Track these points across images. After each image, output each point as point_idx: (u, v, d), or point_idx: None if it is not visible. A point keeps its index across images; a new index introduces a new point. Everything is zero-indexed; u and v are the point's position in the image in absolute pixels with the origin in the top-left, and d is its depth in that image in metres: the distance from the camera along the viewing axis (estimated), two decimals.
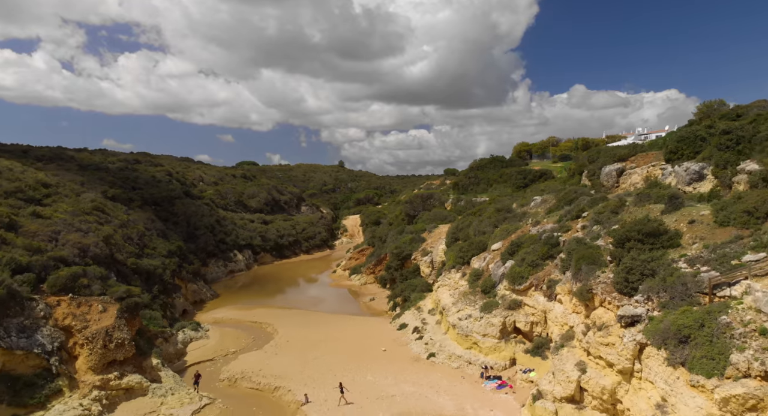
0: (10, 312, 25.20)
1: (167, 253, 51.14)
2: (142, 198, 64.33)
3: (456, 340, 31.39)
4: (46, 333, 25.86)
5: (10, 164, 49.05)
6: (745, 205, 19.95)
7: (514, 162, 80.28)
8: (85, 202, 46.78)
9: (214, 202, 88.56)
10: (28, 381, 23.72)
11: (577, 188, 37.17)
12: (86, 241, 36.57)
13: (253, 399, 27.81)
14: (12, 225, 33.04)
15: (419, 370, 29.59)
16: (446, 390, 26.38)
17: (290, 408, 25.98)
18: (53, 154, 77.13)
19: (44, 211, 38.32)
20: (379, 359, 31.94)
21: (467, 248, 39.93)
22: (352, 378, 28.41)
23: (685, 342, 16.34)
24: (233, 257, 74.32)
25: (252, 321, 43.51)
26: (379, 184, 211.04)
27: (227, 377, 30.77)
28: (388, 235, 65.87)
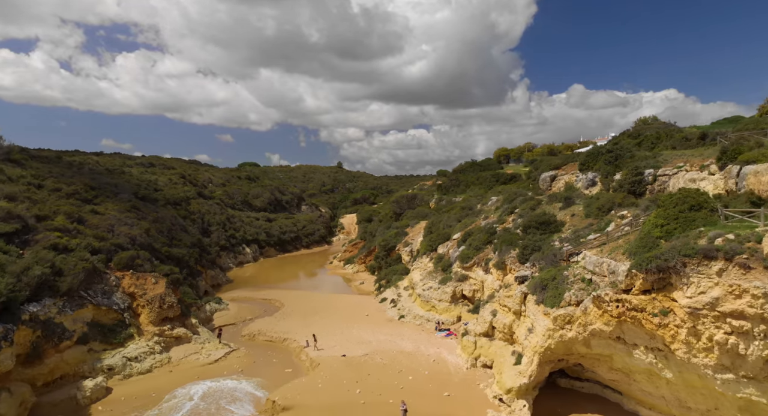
0: (95, 280, 35.02)
1: (190, 245, 60.90)
2: (165, 198, 74.14)
3: (420, 305, 41.32)
4: (118, 296, 35.70)
5: (60, 170, 58.81)
6: (598, 203, 29.76)
7: (491, 166, 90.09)
8: (124, 202, 56.63)
9: (223, 202, 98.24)
10: (110, 328, 33.51)
11: (518, 190, 47.00)
12: (134, 232, 46.46)
13: (267, 347, 37.62)
14: (81, 220, 42.83)
15: (392, 327, 39.50)
16: (409, 337, 36.27)
17: (295, 351, 35.79)
18: (83, 159, 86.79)
19: (99, 209, 48.12)
20: (363, 321, 41.80)
21: (435, 238, 49.79)
22: (342, 332, 38.28)
23: (544, 289, 26.08)
24: (242, 250, 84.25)
25: (262, 299, 53.35)
26: (375, 185, 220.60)
27: (247, 334, 40.61)
28: (377, 230, 75.77)
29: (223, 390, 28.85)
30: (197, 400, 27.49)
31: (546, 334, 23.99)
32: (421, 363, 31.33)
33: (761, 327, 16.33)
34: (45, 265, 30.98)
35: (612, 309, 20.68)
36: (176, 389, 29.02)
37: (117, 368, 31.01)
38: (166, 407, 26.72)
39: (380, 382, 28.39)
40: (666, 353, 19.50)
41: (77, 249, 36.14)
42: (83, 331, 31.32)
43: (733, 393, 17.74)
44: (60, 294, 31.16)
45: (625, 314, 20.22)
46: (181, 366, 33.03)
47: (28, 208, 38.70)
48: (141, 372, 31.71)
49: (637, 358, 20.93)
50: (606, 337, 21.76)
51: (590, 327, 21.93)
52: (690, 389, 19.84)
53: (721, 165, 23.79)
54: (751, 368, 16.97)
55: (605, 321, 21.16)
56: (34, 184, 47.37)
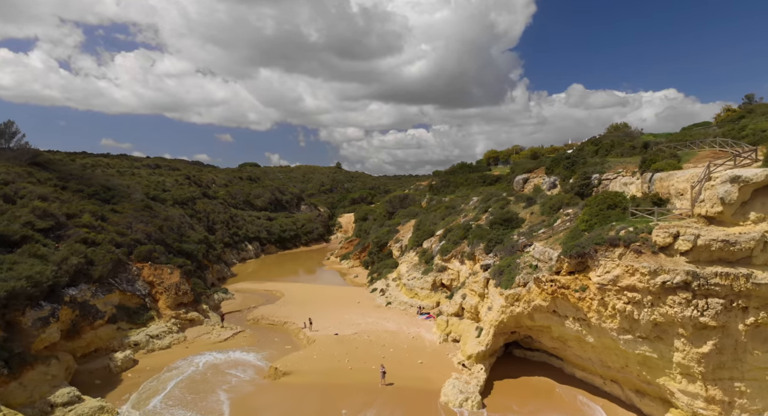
0: (120, 270, 40.19)
1: (197, 241, 66.02)
2: (173, 198, 79.29)
3: (405, 293, 46.52)
4: (140, 284, 40.88)
5: (78, 172, 63.95)
6: (550, 203, 34.92)
7: (480, 168, 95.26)
8: (137, 202, 61.75)
9: (226, 202, 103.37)
10: (134, 311, 38.68)
11: (495, 191, 52.15)
12: (149, 229, 51.62)
13: (269, 329, 42.77)
14: (103, 218, 47.96)
15: (379, 312, 44.68)
16: (393, 320, 41.46)
17: (294, 332, 40.94)
18: (95, 162, 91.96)
19: (117, 208, 53.28)
20: (354, 307, 46.97)
21: (421, 235, 54.97)
22: (335, 316, 43.43)
23: (501, 274, 31.23)
24: (245, 247, 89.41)
25: (264, 290, 58.49)
26: (373, 185, 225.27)
27: (251, 318, 45.77)
28: (371, 228, 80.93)
29: (231, 360, 34.08)
30: (209, 365, 32.72)
31: (500, 310, 29.18)
32: (402, 339, 36.53)
33: (648, 298, 21.48)
34: (80, 256, 36.17)
35: (547, 287, 25.85)
36: (191, 356, 34.29)
37: (141, 343, 36.20)
38: (183, 365, 32.02)
39: (366, 354, 33.58)
40: (586, 321, 24.65)
41: (103, 243, 41.33)
42: (112, 312, 36.50)
43: (632, 350, 22.88)
44: (93, 280, 36.33)
45: (556, 291, 25.39)
46: (195, 343, 38.19)
47: (58, 207, 43.77)
48: (161, 347, 36.89)
49: (568, 327, 26.08)
50: (545, 311, 26.92)
51: (533, 303, 27.10)
52: (607, 350, 24.99)
53: (641, 172, 28.85)
54: (643, 330, 22.10)
55: (543, 297, 26.33)
56: (59, 185, 52.48)
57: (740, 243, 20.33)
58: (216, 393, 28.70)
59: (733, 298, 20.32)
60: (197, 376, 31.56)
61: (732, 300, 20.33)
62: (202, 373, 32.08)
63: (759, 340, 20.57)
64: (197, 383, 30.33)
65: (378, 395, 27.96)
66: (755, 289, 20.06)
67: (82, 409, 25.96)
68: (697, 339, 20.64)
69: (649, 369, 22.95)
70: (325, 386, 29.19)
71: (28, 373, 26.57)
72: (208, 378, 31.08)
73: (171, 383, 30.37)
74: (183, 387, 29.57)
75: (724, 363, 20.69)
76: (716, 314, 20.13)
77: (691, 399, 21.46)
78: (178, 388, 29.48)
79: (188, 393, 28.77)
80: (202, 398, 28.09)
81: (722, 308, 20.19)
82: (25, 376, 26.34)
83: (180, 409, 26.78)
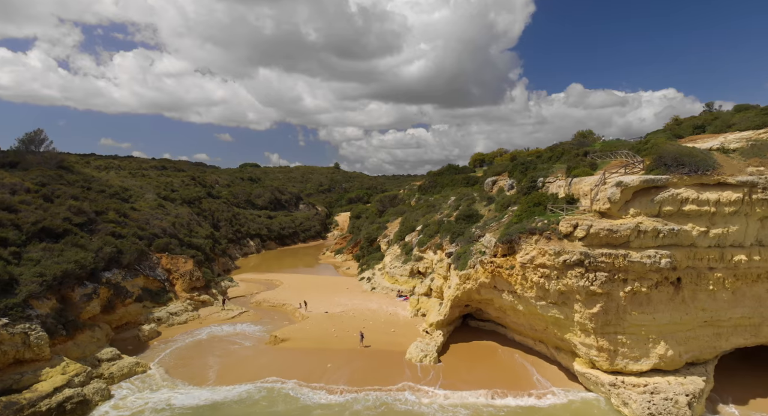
0: (143, 259, 47.28)
1: (205, 236, 73.13)
2: (181, 197, 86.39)
3: (387, 280, 53.64)
4: (159, 271, 48.00)
5: (97, 174, 70.98)
6: (503, 202, 42.05)
7: (465, 170, 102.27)
8: (151, 201, 68.86)
9: (229, 201, 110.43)
10: (156, 293, 45.77)
11: (467, 192, 59.25)
12: (164, 225, 58.74)
13: (270, 310, 49.85)
14: (125, 215, 55.03)
15: (365, 295, 51.82)
16: (375, 301, 48.61)
17: (291, 311, 48.06)
18: (107, 164, 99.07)
19: (135, 206, 60.39)
20: (344, 292, 54.10)
21: (404, 230, 62.08)
22: (326, 299, 50.51)
23: (459, 259, 38.28)
24: (247, 243, 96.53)
25: (265, 279, 65.59)
26: (371, 185, 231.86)
27: (254, 302, 52.87)
28: (363, 226, 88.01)
29: (239, 331, 41.24)
30: (222, 333, 39.90)
31: (456, 287, 36.28)
32: (380, 315, 43.69)
33: (555, 272, 28.54)
34: (111, 246, 43.28)
35: (488, 267, 32.93)
36: (204, 328, 41.47)
37: (163, 319, 43.32)
38: (200, 334, 39.24)
39: (350, 326, 40.70)
40: (516, 293, 31.74)
41: (128, 236, 48.41)
42: (139, 293, 43.59)
43: (547, 313, 29.95)
44: (122, 266, 43.43)
45: (494, 270, 32.47)
46: (207, 320, 45.29)
47: (89, 205, 50.79)
48: (179, 322, 44.01)
49: (505, 299, 33.16)
50: (488, 286, 34.00)
51: (479, 280, 34.17)
52: (532, 316, 32.08)
53: (566, 177, 35.86)
54: (553, 297, 29.17)
55: (486, 276, 33.40)
56: (85, 186, 59.50)
57: (620, 231, 27.42)
58: (228, 348, 35.94)
59: (615, 272, 27.40)
60: (212, 339, 38.78)
61: (614, 273, 27.41)
62: (215, 338, 39.29)
63: (635, 304, 27.64)
64: (211, 342, 37.54)
65: (357, 354, 35.11)
66: (631, 265, 27.15)
67: (122, 364, 33.11)
68: (589, 303, 27.71)
69: (559, 328, 30.06)
70: (315, 349, 36.31)
71: (79, 335, 33.70)
72: (221, 339, 38.33)
73: (189, 340, 37.62)
74: (199, 345, 36.76)
75: (610, 321, 27.74)
76: (602, 284, 27.20)
77: (588, 349, 28.55)
78: (195, 346, 36.68)
79: (204, 347, 35.97)
80: (217, 348, 35.35)
81: (607, 279, 27.26)
82: (78, 338, 33.47)
83: (201, 357, 33.99)
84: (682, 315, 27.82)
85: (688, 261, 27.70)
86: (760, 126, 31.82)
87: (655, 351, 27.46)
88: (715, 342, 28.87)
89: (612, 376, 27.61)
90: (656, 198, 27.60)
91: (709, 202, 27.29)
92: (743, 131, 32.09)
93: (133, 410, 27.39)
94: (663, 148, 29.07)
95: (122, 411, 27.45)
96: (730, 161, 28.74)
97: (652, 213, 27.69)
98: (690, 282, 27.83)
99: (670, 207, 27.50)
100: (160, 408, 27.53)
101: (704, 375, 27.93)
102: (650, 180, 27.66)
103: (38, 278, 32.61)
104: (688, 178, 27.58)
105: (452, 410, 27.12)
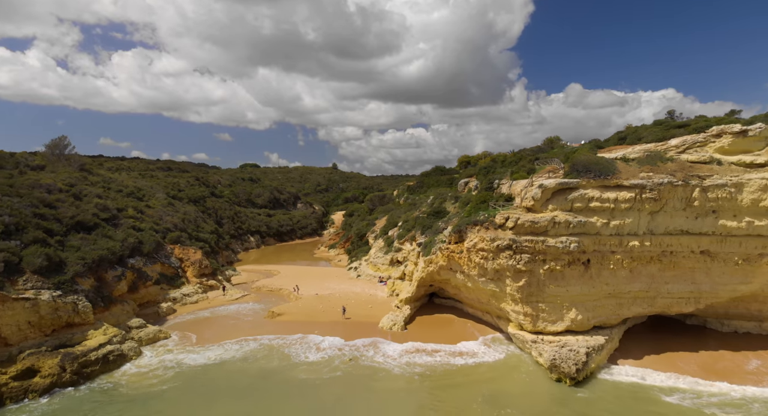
0: (159, 248, 55.07)
1: (210, 232, 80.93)
2: (187, 196, 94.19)
3: (371, 269, 61.49)
4: (173, 259, 55.81)
5: (118, 175, 78.79)
6: (464, 199, 49.83)
7: (451, 171, 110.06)
8: (162, 200, 76.65)
9: (231, 200, 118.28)
10: (171, 278, 53.57)
11: (444, 191, 67.07)
12: (174, 220, 66.54)
13: (269, 294, 57.66)
14: (141, 211, 62.83)
15: (351, 281, 59.66)
16: (359, 286, 56.44)
17: (286, 294, 55.88)
18: (117, 166, 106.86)
19: (149, 204, 68.18)
20: (333, 279, 61.94)
21: (388, 225, 69.89)
22: (317, 285, 58.33)
23: (426, 247, 46.06)
24: (247, 239, 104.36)
25: (264, 269, 73.42)
26: (367, 185, 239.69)
27: (254, 287, 60.69)
28: (354, 223, 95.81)
29: (242, 309, 49.06)
30: (229, 310, 47.72)
31: (422, 270, 44.10)
32: (362, 296, 51.53)
33: (491, 254, 36.30)
34: (133, 237, 51.06)
35: (445, 253, 40.72)
36: (213, 307, 49.29)
37: (177, 299, 51.13)
38: (207, 311, 47.03)
39: (336, 304, 48.49)
40: (465, 273, 39.50)
41: (146, 229, 56.21)
42: (157, 277, 51.39)
43: (487, 287, 37.72)
44: (143, 255, 51.20)
45: (449, 255, 40.25)
46: (214, 301, 53.07)
47: (111, 203, 58.57)
48: (191, 302, 51.81)
49: (458, 278, 40.94)
50: (445, 268, 41.79)
51: (438, 264, 41.96)
52: (478, 290, 39.87)
53: (511, 179, 43.66)
54: (490, 274, 36.92)
55: (444, 259, 41.19)
56: (105, 186, 67.29)
57: (540, 223, 35.18)
58: (233, 321, 43.75)
59: (536, 254, 35.16)
60: (219, 315, 46.57)
61: (535, 255, 35.16)
62: (222, 314, 47.07)
63: (552, 279, 35.37)
64: (219, 317, 45.35)
65: (339, 324, 42.93)
66: (548, 249, 34.91)
67: (148, 331, 40.89)
68: (516, 278, 35.46)
69: (496, 299, 37.88)
70: (306, 321, 44.11)
71: (113, 308, 41.50)
72: (227, 315, 46.14)
73: (200, 315, 45.42)
74: (209, 319, 44.58)
75: (533, 292, 35.48)
76: (526, 263, 34.95)
77: (517, 315, 36.33)
78: (205, 320, 44.50)
79: (213, 320, 43.79)
80: (224, 321, 43.14)
81: (530, 259, 35.01)
82: (112, 309, 41.27)
83: (210, 328, 41.82)
84: (590, 289, 35.59)
85: (594, 246, 35.46)
86: (660, 139, 39.52)
87: (568, 316, 35.24)
88: (618, 310, 36.65)
89: (535, 335, 35.40)
90: (569, 196, 35.36)
91: (609, 199, 35.04)
92: (648, 143, 39.83)
93: (154, 367, 34.61)
94: (576, 158, 36.82)
95: (146, 368, 34.97)
96: (628, 168, 36.43)
97: (565, 208, 35.45)
98: (596, 263, 35.61)
99: (580, 204, 35.24)
100: (175, 365, 35.05)
101: (607, 335, 35.71)
102: (564, 183, 35.43)
103: (81, 260, 40.43)
104: (593, 181, 35.33)
105: (408, 366, 34.82)
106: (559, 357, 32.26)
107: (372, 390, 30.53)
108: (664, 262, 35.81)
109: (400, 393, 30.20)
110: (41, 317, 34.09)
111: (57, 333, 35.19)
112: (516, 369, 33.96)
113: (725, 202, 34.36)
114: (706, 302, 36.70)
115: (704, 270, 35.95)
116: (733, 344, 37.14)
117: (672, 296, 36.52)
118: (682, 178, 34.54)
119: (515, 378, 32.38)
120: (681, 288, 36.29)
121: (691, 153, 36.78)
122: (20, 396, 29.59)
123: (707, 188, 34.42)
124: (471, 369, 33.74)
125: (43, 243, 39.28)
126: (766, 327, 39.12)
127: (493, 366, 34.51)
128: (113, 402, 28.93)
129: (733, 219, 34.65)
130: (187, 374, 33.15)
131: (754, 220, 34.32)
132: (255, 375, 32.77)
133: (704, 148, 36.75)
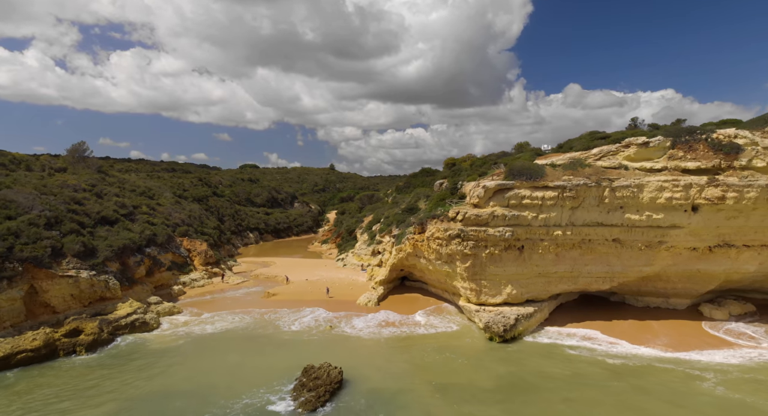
0: (170, 240, 63.55)
1: (213, 228, 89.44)
2: (192, 196, 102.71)
3: (356, 259, 70.08)
4: (182, 249, 64.32)
5: (129, 176, 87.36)
6: (432, 198, 58.34)
7: (438, 172, 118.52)
8: (170, 198, 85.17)
9: (231, 199, 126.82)
10: (180, 265, 62.06)
11: (420, 191, 75.62)
12: (182, 216, 75.08)
13: (266, 280, 66.17)
14: (153, 208, 71.34)
15: (337, 270, 68.28)
16: (344, 273, 65.05)
17: (281, 280, 64.40)
18: (127, 167, 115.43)
19: (160, 202, 76.72)
20: (322, 268, 70.50)
21: (372, 222, 78.44)
22: (308, 273, 66.86)
23: (397, 238, 54.54)
24: (247, 235, 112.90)
25: (262, 261, 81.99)
26: (363, 185, 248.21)
27: (253, 275, 69.23)
28: (345, 220, 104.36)
29: (243, 292, 57.60)
30: (231, 294, 56.28)
31: (393, 257, 52.62)
32: (345, 281, 60.10)
33: (444, 242, 44.77)
34: (148, 230, 59.56)
35: (411, 242, 49.22)
36: (218, 292, 57.87)
37: (187, 283, 59.63)
38: (212, 293, 55.63)
39: (322, 287, 57.04)
40: (426, 258, 47.96)
41: (159, 224, 64.69)
42: (169, 264, 59.87)
43: (442, 269, 46.17)
44: (157, 245, 59.67)
45: (415, 243, 48.76)
46: (218, 286, 61.58)
47: (127, 200, 67.01)
48: (199, 286, 60.31)
49: (422, 263, 49.43)
50: (412, 255, 50.28)
51: (406, 251, 50.45)
52: (437, 272, 48.34)
53: (470, 181, 52.21)
54: (444, 258, 45.37)
55: (410, 247, 49.68)
56: (120, 186, 75.76)
57: (483, 216, 43.66)
58: (235, 300, 52.33)
59: (479, 241, 43.62)
60: (223, 296, 55.10)
61: (479, 242, 43.62)
62: (225, 296, 55.57)
63: (492, 261, 43.81)
64: (223, 298, 53.89)
65: (324, 302, 51.46)
66: (488, 237, 43.37)
67: (164, 306, 49.38)
68: (464, 260, 43.92)
69: (450, 278, 46.40)
70: (296, 300, 52.61)
71: (135, 287, 50.00)
72: (230, 296, 54.64)
73: (207, 297, 53.95)
74: (215, 299, 53.13)
75: (477, 271, 43.93)
76: (471, 248, 43.41)
77: (465, 290, 44.80)
78: (211, 300, 53.07)
79: (218, 300, 52.34)
80: (227, 300, 51.71)
81: (474, 245, 43.48)
82: (135, 288, 49.77)
83: (217, 306, 50.36)
84: (523, 269, 44.08)
85: (526, 235, 43.94)
86: (586, 149, 48.02)
87: (505, 291, 43.75)
88: (547, 287, 45.16)
89: (478, 306, 43.90)
90: (506, 195, 43.83)
91: (538, 197, 43.49)
92: (576, 152, 48.37)
93: (171, 332, 43.14)
94: (513, 164, 45.34)
95: (165, 332, 43.51)
96: (554, 172, 44.88)
97: (503, 204, 43.93)
98: (528, 248, 44.09)
99: (514, 201, 43.71)
100: (188, 332, 43.54)
101: (537, 307, 44.19)
102: (502, 184, 43.93)
103: (109, 248, 48.94)
104: (525, 182, 43.80)
105: (376, 332, 43.22)
106: (492, 321, 40.79)
107: (345, 347, 39.03)
108: (584, 248, 44.30)
109: (367, 348, 38.72)
110: (81, 291, 42.57)
111: (93, 305, 43.70)
112: (465, 334, 42.43)
113: (630, 200, 42.83)
114: (619, 280, 45.23)
115: (616, 255, 44.45)
116: (642, 316, 45.67)
117: (591, 276, 45.04)
118: (595, 180, 43.05)
119: (461, 339, 40.88)
120: (598, 269, 44.80)
121: (605, 160, 45.29)
122: (70, 349, 38.03)
123: (615, 188, 42.91)
124: (428, 334, 42.25)
125: (78, 233, 47.76)
126: (671, 303, 47.68)
127: (447, 332, 42.99)
128: (144, 353, 37.45)
129: (636, 214, 43.14)
130: (197, 337, 41.65)
131: (653, 214, 42.82)
132: (251, 338, 41.26)
133: (616, 156, 45.26)
